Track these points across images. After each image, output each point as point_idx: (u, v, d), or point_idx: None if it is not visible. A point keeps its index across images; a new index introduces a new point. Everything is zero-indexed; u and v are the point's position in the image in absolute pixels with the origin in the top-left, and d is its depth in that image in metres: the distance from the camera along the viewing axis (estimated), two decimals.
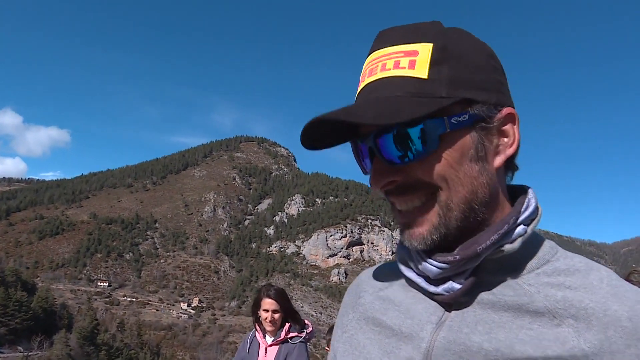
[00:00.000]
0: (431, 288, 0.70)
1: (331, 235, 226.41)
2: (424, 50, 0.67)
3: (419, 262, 0.71)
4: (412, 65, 0.66)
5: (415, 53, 0.67)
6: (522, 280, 0.67)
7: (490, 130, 0.68)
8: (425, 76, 0.65)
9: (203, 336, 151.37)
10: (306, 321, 3.92)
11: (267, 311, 3.77)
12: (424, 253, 0.70)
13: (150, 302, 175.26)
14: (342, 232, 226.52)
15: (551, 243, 0.73)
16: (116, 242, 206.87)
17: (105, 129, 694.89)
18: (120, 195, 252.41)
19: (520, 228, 0.69)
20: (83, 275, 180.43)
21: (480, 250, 0.66)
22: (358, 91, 0.72)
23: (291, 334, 3.78)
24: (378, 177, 0.68)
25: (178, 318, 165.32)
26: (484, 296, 0.68)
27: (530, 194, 0.73)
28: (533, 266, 0.69)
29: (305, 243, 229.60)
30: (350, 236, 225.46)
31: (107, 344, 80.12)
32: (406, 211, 0.69)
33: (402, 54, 0.67)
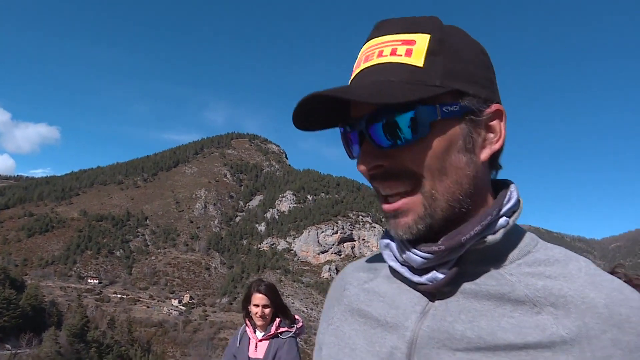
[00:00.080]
0: (415, 278, 0.71)
1: (322, 231, 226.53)
2: (422, 40, 0.68)
3: (403, 252, 0.72)
4: (409, 53, 0.67)
5: (412, 42, 0.68)
6: (504, 270, 0.69)
7: (478, 123, 0.70)
8: (421, 65, 0.67)
9: (194, 333, 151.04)
10: (296, 316, 3.96)
11: (258, 306, 3.79)
12: (409, 243, 0.71)
13: (141, 299, 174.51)
14: (333, 229, 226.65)
15: (532, 235, 0.75)
16: (106, 239, 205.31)
17: (95, 126, 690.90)
18: (110, 192, 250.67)
19: (502, 220, 0.70)
20: (73, 272, 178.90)
21: (464, 240, 0.67)
22: (353, 76, 0.73)
23: (281, 329, 3.81)
24: (366, 159, 0.69)
25: (169, 315, 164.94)
26: (467, 286, 0.69)
27: (512, 188, 0.75)
28: (514, 257, 0.70)
29: (296, 239, 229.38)
30: (341, 233, 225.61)
31: (98, 341, 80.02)
32: (391, 199, 0.70)
33: (400, 43, 0.69)
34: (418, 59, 0.67)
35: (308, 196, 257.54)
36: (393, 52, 0.68)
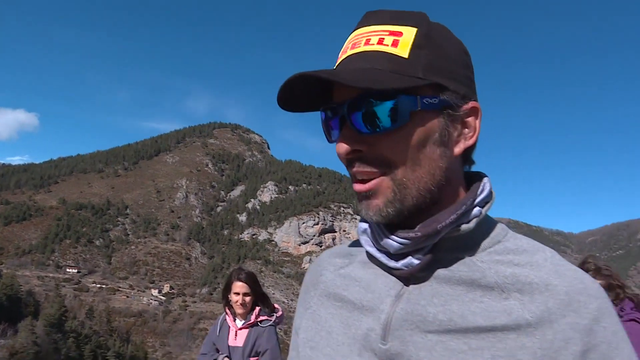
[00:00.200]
0: (391, 263, 0.74)
1: (303, 222, 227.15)
2: (409, 32, 0.70)
3: (381, 238, 0.74)
4: (395, 44, 0.69)
5: (399, 34, 0.70)
6: (476, 257, 0.73)
7: (455, 118, 0.72)
8: (406, 56, 0.69)
9: (174, 323, 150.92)
10: (276, 305, 4.02)
11: (238, 294, 3.83)
12: (386, 229, 0.74)
13: (120, 289, 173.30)
14: (315, 220, 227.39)
15: (502, 225, 0.78)
16: (86, 228, 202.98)
17: (75, 113, 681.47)
18: (90, 180, 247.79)
19: (475, 210, 0.73)
20: (51, 261, 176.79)
21: (440, 227, 0.70)
22: (339, 61, 0.74)
23: (261, 317, 3.86)
24: (346, 143, 0.71)
25: (148, 305, 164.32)
26: (440, 272, 0.72)
27: (485, 180, 0.78)
28: (486, 245, 0.74)
29: (277, 230, 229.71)
30: (322, 224, 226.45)
31: (76, 331, 79.40)
32: (365, 182, 0.72)
33: (387, 33, 0.71)
34: (403, 50, 0.69)
35: (290, 187, 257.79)
36: (380, 42, 0.70)
